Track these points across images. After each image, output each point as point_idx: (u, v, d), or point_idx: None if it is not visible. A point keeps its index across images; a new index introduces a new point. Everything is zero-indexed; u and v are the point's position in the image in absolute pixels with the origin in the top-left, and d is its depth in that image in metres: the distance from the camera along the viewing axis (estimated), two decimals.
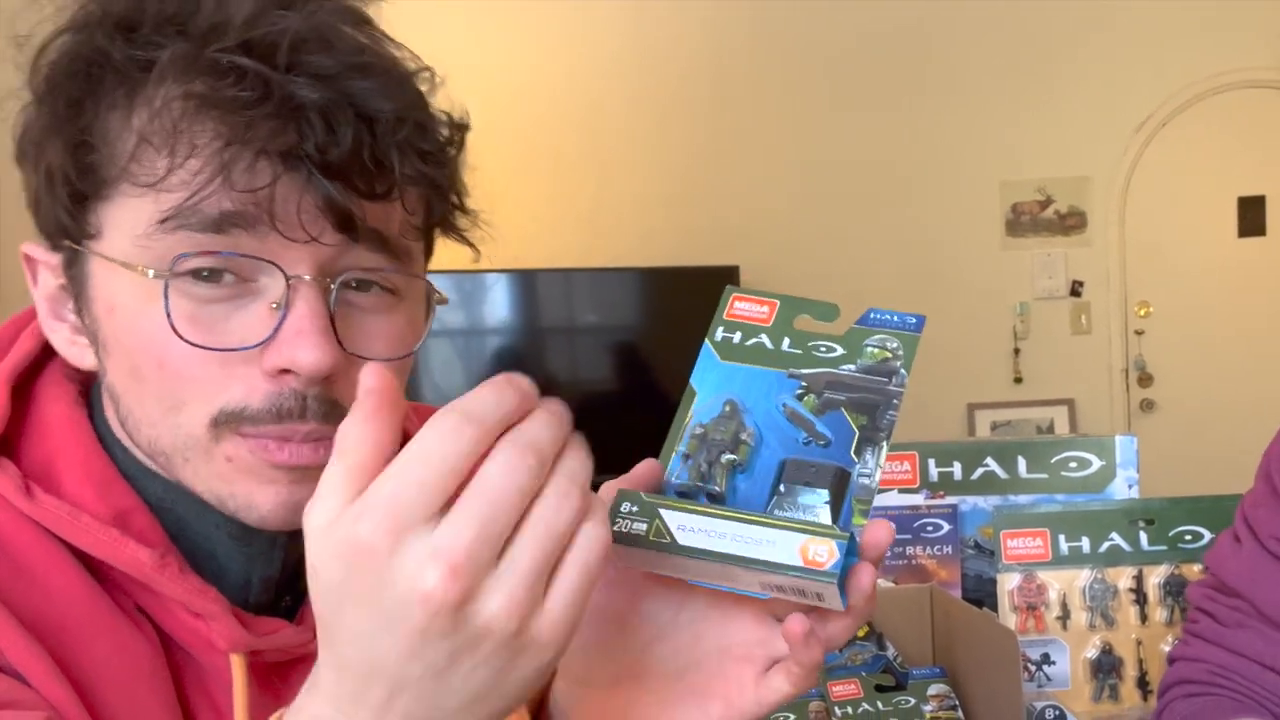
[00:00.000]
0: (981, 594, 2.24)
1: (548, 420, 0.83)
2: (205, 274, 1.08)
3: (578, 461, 0.83)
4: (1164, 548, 2.05)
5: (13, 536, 1.13)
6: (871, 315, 1.01)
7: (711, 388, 0.99)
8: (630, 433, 7.59)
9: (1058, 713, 1.96)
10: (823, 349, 0.99)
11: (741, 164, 8.03)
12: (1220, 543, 1.82)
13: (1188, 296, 7.96)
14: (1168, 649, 1.99)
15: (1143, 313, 8.06)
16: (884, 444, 0.94)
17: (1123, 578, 2.05)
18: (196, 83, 1.05)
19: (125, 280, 1.09)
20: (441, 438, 0.79)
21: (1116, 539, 2.06)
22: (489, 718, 0.82)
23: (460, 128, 1.22)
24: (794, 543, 0.87)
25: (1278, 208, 7.85)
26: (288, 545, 1.22)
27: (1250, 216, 7.92)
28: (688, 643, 0.97)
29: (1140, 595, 2.05)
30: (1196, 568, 2.04)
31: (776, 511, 0.92)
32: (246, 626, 1.19)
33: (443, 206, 1.22)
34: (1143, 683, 2.04)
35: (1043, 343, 8.05)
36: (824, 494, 0.92)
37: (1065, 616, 2.04)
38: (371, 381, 0.83)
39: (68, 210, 1.11)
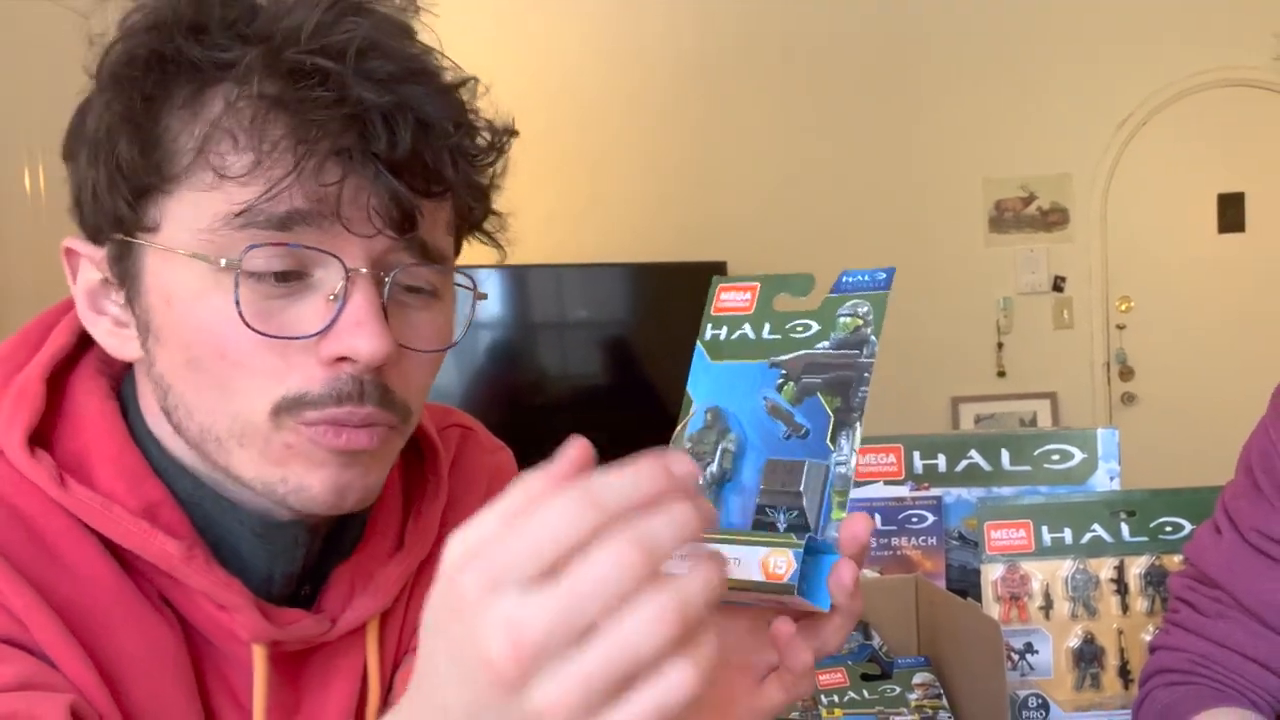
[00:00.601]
0: (965, 584, 2.24)
1: (678, 521, 0.74)
2: (272, 274, 1.10)
3: (695, 584, 0.73)
4: (1145, 539, 2.05)
5: (45, 525, 1.15)
6: (844, 279, 1.01)
7: (702, 396, 0.99)
8: (621, 426, 7.57)
9: (1040, 701, 1.96)
10: (800, 329, 0.99)
11: (729, 161, 8.04)
12: (1200, 534, 1.82)
13: (1168, 292, 7.97)
14: (1149, 638, 1.99)
15: (1124, 308, 8.07)
16: (857, 425, 0.93)
17: (1104, 568, 2.05)
18: (268, 84, 1.08)
19: (186, 271, 1.12)
20: (563, 509, 0.73)
21: (1098, 530, 2.06)
22: None
23: (506, 133, 1.25)
24: (755, 557, 0.87)
25: (1257, 204, 7.86)
26: (309, 543, 1.25)
27: (1230, 213, 7.92)
28: None
29: (1122, 585, 2.05)
30: (1177, 558, 2.04)
31: (762, 510, 0.92)
32: (268, 618, 1.21)
33: (482, 209, 1.26)
34: (1124, 672, 2.04)
35: (1025, 337, 8.06)
36: (802, 492, 0.91)
37: (1048, 606, 2.04)
38: (573, 452, 0.79)
39: (128, 202, 1.13)
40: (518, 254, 1.38)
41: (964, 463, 2.37)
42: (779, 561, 0.86)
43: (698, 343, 1.01)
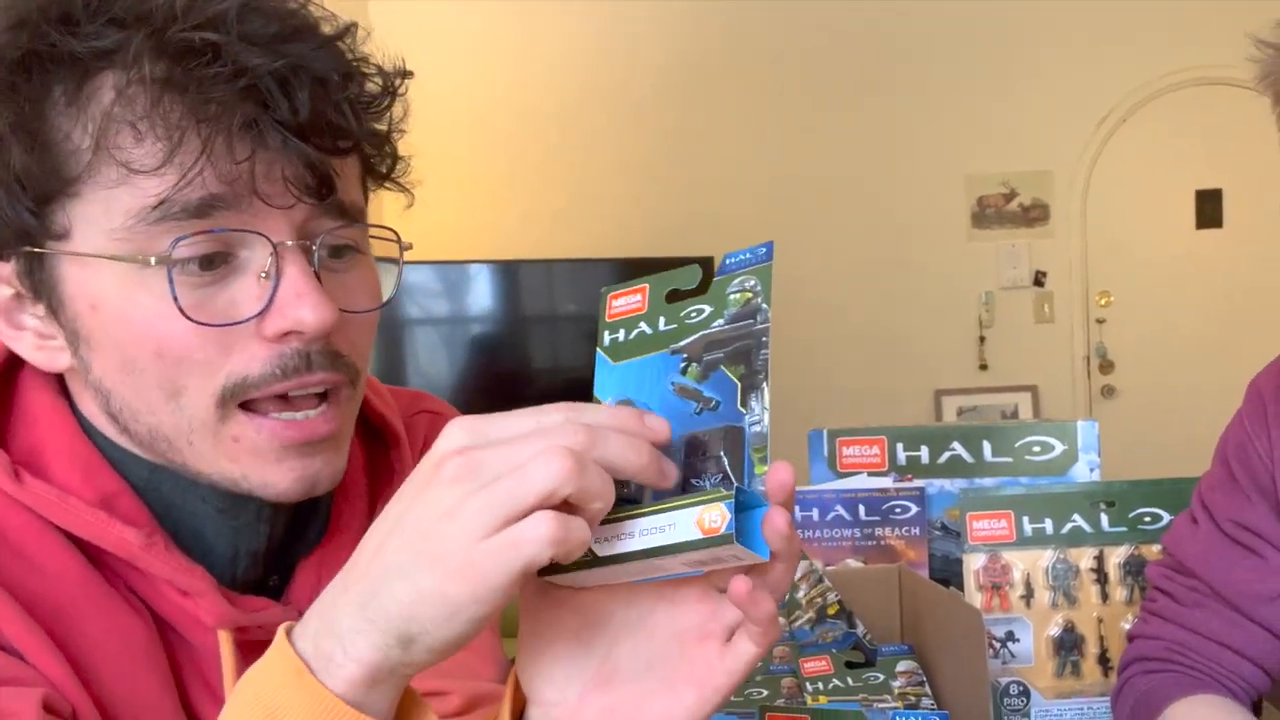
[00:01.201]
0: (948, 574, 2.24)
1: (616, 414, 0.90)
2: (201, 261, 1.08)
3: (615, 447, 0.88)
4: (1124, 529, 2.05)
5: (7, 522, 1.14)
6: (727, 261, 1.00)
7: (610, 393, 1.00)
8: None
9: (1022, 688, 1.96)
10: (694, 314, 0.99)
11: (713, 159, 8.04)
12: (1178, 524, 1.82)
13: (1147, 286, 7.99)
14: (1128, 627, 2.00)
15: (1104, 302, 8.08)
16: (764, 385, 0.93)
17: (1084, 558, 2.05)
18: (156, 67, 1.05)
19: (107, 274, 1.09)
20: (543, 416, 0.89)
21: (1078, 520, 2.06)
22: (401, 617, 0.85)
23: (398, 75, 1.22)
24: (690, 518, 0.87)
25: (1234, 201, 7.87)
26: (273, 518, 1.24)
27: (1207, 209, 7.94)
28: (644, 639, 0.96)
29: (1101, 575, 2.05)
30: (1155, 548, 2.04)
31: (687, 484, 0.93)
32: (233, 604, 1.20)
33: (387, 157, 1.24)
34: (1103, 659, 2.04)
35: (1007, 331, 8.07)
36: (723, 456, 0.92)
37: (1029, 595, 2.04)
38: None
39: (32, 212, 1.09)
40: (507, 249, 1.39)
41: (946, 454, 2.38)
42: (713, 516, 0.86)
43: (598, 350, 1.02)
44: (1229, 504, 1.75)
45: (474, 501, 0.83)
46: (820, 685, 1.82)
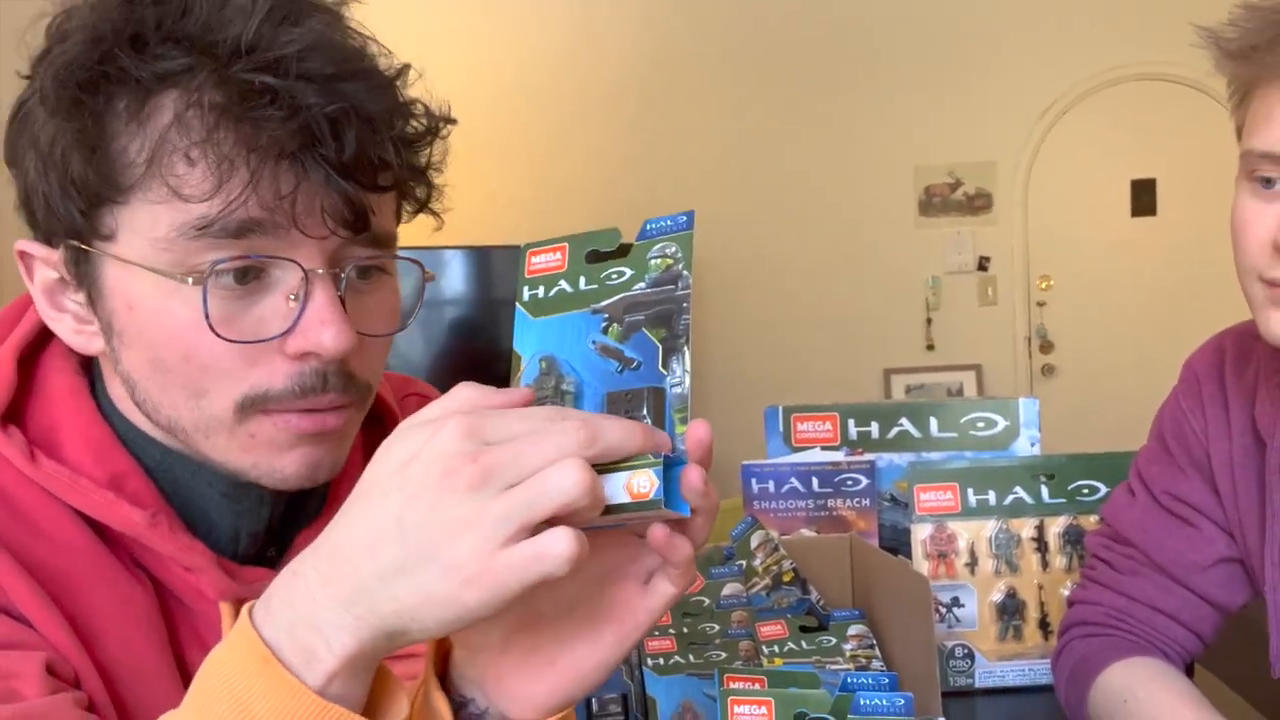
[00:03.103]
0: (897, 543, 2.25)
1: (624, 429, 0.87)
2: (233, 276, 1.09)
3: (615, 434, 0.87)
4: (1063, 500, 2.06)
5: (20, 495, 1.15)
6: (648, 226, 0.99)
7: (530, 348, 0.99)
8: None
9: (966, 651, 1.97)
10: (614, 276, 0.98)
11: (674, 149, 8.03)
12: (1115, 495, 1.83)
13: (1085, 271, 8.01)
14: (1067, 593, 2.00)
15: (1044, 286, 8.10)
16: (685, 349, 0.93)
17: (1025, 528, 2.06)
18: (215, 94, 1.05)
19: (147, 280, 1.10)
20: (550, 420, 0.86)
21: (1020, 492, 2.06)
22: (390, 611, 0.85)
23: (442, 120, 1.22)
24: (619, 482, 0.87)
25: (1167, 190, 7.90)
26: (274, 502, 1.25)
27: (1142, 198, 7.96)
28: (564, 583, 0.93)
29: (1041, 544, 2.06)
30: (1093, 518, 2.05)
31: None
32: (233, 576, 1.21)
33: (424, 190, 1.24)
34: (1044, 624, 2.05)
35: (953, 313, 8.08)
36: (645, 415, 0.92)
37: (973, 563, 2.05)
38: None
39: (82, 213, 1.10)
40: (479, 235, 1.38)
41: (895, 430, 2.38)
42: (641, 481, 0.87)
43: (517, 305, 1.01)
44: (1165, 477, 1.75)
45: (493, 511, 0.82)
46: (776, 648, 1.82)
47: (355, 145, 1.08)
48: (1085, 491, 2.07)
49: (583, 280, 0.99)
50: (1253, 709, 1.84)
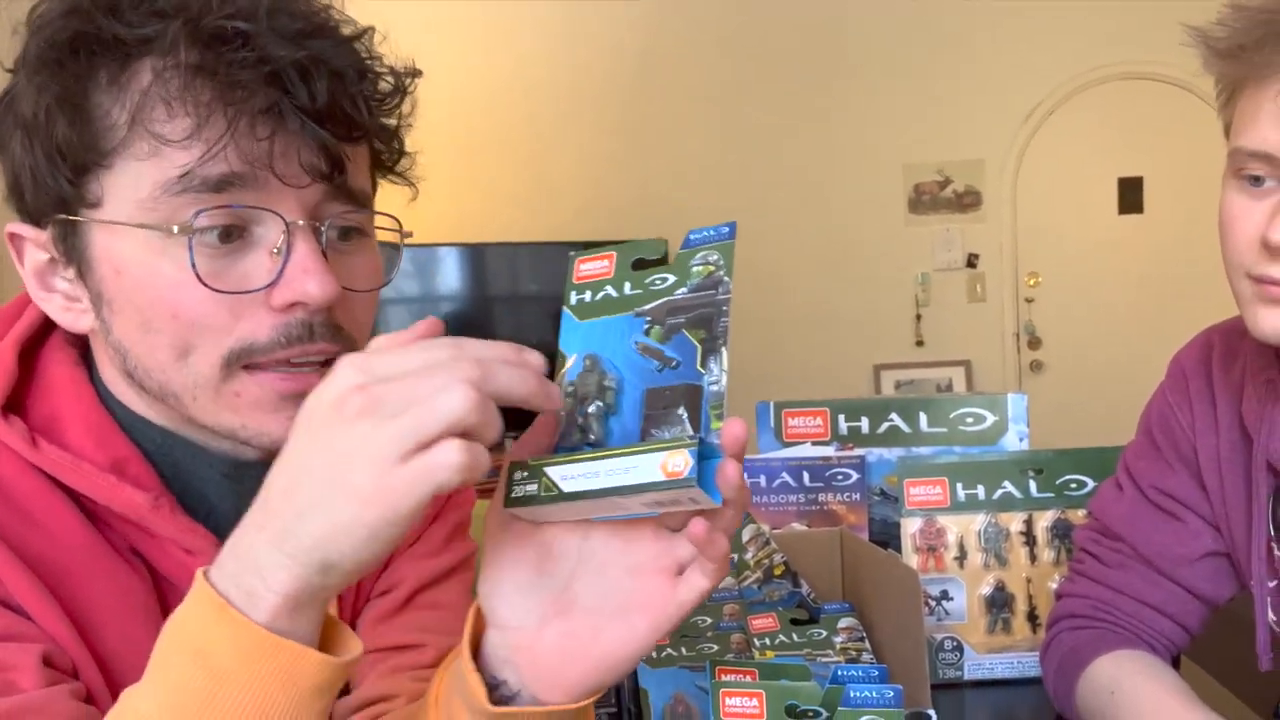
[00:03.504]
0: (887, 536, 2.24)
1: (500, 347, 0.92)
2: (219, 232, 1.10)
3: (504, 379, 0.90)
4: (1051, 495, 2.06)
5: (19, 485, 1.15)
6: (692, 236, 1.02)
7: (575, 348, 1.02)
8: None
9: (955, 643, 1.97)
10: (658, 282, 1.01)
11: (667, 148, 8.04)
12: (1103, 490, 1.83)
13: (1073, 268, 8.02)
14: (1055, 586, 2.00)
15: (1032, 282, 8.11)
16: (723, 349, 0.95)
17: (1014, 522, 2.06)
18: (191, 54, 1.07)
19: (132, 241, 1.11)
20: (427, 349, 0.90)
21: (1008, 487, 2.06)
22: (317, 545, 0.88)
23: (408, 75, 1.24)
24: (655, 461, 0.90)
25: (1154, 187, 7.91)
26: None
27: (1129, 196, 7.98)
28: (599, 571, 0.99)
29: (1030, 538, 2.06)
30: (1081, 513, 2.05)
31: (647, 434, 0.96)
32: None
33: (394, 150, 1.27)
34: (1032, 617, 2.05)
35: (942, 310, 8.09)
36: (682, 411, 0.94)
37: (962, 557, 2.05)
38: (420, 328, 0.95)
39: (70, 180, 1.11)
40: (474, 233, 1.39)
41: (885, 425, 2.38)
42: (676, 461, 0.89)
43: (564, 309, 1.04)
44: (1152, 471, 1.75)
45: (384, 432, 0.85)
46: (767, 641, 1.82)
47: (326, 95, 1.10)
48: (1073, 486, 2.07)
49: (628, 286, 1.03)
50: (1237, 699, 1.84)
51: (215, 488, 1.24)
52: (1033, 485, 2.07)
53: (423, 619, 1.43)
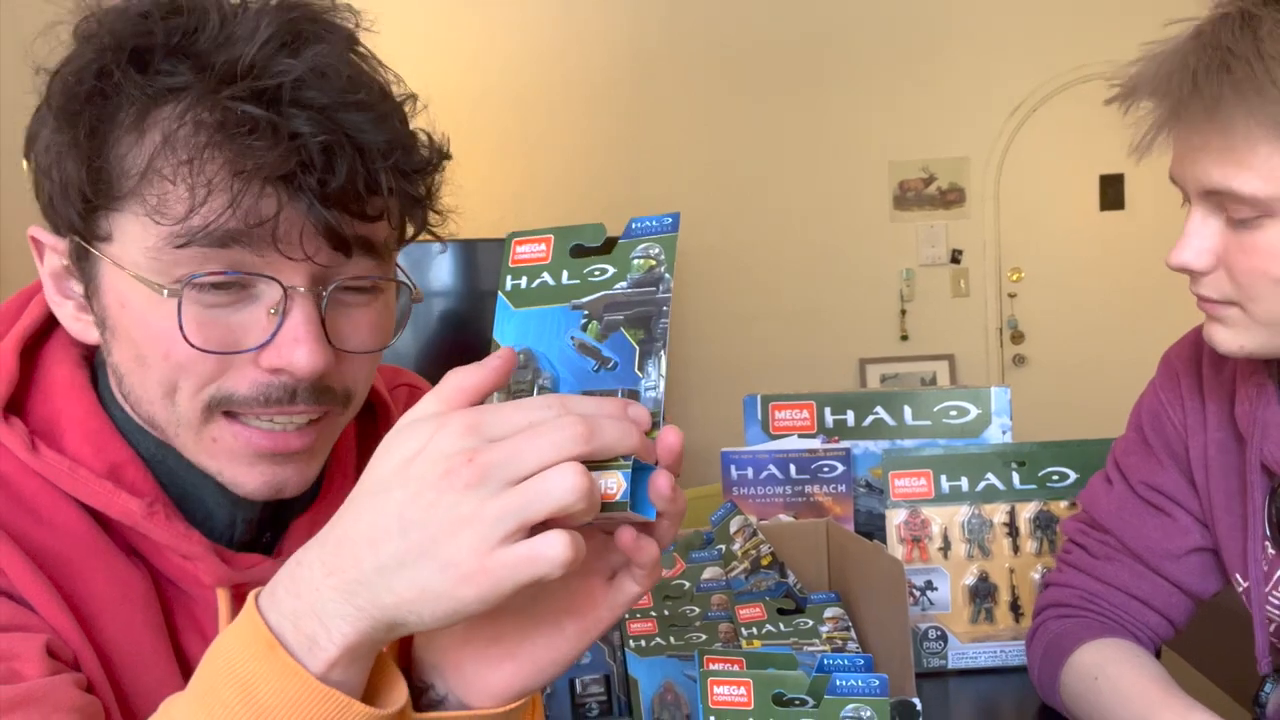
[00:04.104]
0: (872, 527, 2.25)
1: (616, 422, 0.87)
2: (212, 285, 1.09)
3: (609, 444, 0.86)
4: (1034, 487, 2.06)
5: (22, 483, 1.16)
6: (633, 225, 0.97)
7: (510, 338, 0.98)
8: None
9: (940, 633, 1.97)
10: (597, 273, 0.97)
11: (654, 146, 8.04)
12: (1093, 483, 1.83)
13: (1055, 264, 8.03)
14: (1037, 576, 2.01)
15: (1015, 278, 8.11)
16: (661, 353, 0.92)
17: (997, 513, 2.06)
18: (205, 115, 1.05)
19: (136, 284, 1.10)
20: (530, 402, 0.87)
21: (992, 479, 2.07)
22: (389, 604, 0.86)
23: (440, 154, 1.23)
24: None
25: (1136, 184, 7.91)
26: None
27: (1110, 192, 7.99)
28: None
29: (1013, 529, 2.06)
30: (1063, 504, 2.05)
31: None
32: (229, 563, 1.22)
33: (422, 218, 1.24)
34: (1015, 606, 2.05)
35: (926, 304, 8.10)
36: None
37: (946, 548, 2.05)
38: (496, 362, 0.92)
39: (80, 215, 1.11)
40: (465, 229, 1.38)
41: (870, 418, 2.38)
42: (610, 484, 0.86)
43: (499, 294, 1.00)
44: (1142, 467, 1.76)
45: (490, 510, 0.83)
46: (755, 630, 1.82)
47: (345, 174, 1.07)
48: (1055, 478, 2.07)
49: (565, 274, 0.98)
50: (1217, 689, 1.85)
51: (211, 495, 1.23)
52: (1015, 477, 2.07)
53: None
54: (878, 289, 8.07)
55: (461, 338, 7.19)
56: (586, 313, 0.96)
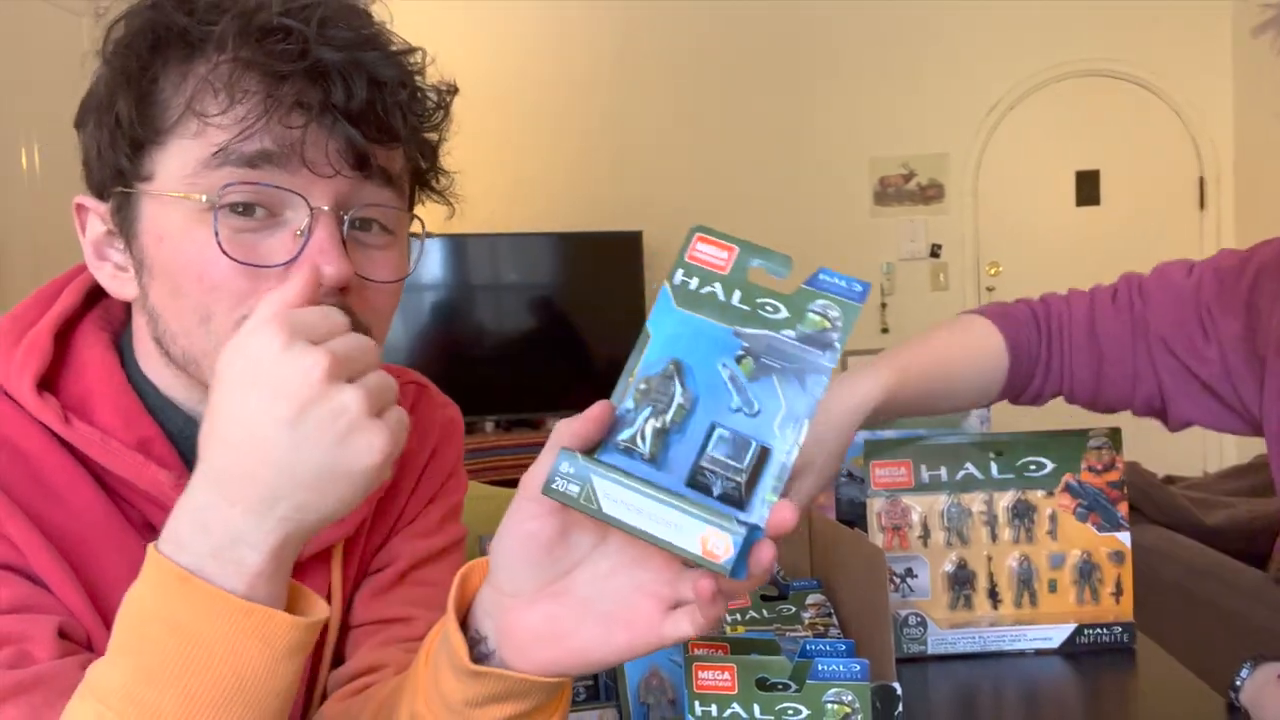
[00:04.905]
0: (853, 516, 2.25)
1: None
2: (242, 208, 1.14)
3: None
4: (1011, 476, 2.06)
5: (44, 463, 1.19)
6: (821, 276, 0.94)
7: (663, 336, 0.93)
8: (548, 373, 7.57)
9: (920, 619, 1.97)
10: (769, 308, 0.92)
11: (642, 143, 8.06)
12: (1178, 266, 1.82)
13: (1032, 257, 8.05)
14: (1014, 564, 2.01)
15: (993, 272, 8.13)
16: (805, 422, 0.88)
17: (975, 502, 2.06)
18: (244, 50, 1.12)
19: (175, 212, 1.15)
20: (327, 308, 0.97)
21: (970, 468, 2.06)
22: (299, 509, 0.92)
23: (449, 91, 1.31)
24: (696, 530, 0.85)
25: (1110, 180, 7.94)
26: None
27: (1086, 188, 8.01)
28: (604, 574, 0.96)
29: (990, 517, 2.06)
30: (1040, 493, 2.05)
31: (701, 471, 0.89)
32: None
33: (430, 161, 1.32)
34: (992, 593, 2.05)
35: (906, 298, 8.12)
36: (742, 471, 0.88)
37: (926, 536, 2.05)
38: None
39: (128, 156, 1.17)
40: (457, 225, 1.39)
41: None
42: (718, 544, 0.85)
43: (665, 284, 0.95)
44: (1221, 313, 1.72)
45: (350, 398, 0.93)
46: (738, 616, 1.82)
47: (363, 99, 1.15)
48: (1032, 468, 2.07)
49: (737, 295, 0.94)
50: (1195, 678, 1.85)
51: None
52: (994, 467, 2.07)
53: (414, 594, 1.44)
54: None
55: (452, 329, 7.22)
56: (747, 345, 0.92)
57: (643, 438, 0.91)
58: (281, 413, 0.91)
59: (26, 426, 1.19)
